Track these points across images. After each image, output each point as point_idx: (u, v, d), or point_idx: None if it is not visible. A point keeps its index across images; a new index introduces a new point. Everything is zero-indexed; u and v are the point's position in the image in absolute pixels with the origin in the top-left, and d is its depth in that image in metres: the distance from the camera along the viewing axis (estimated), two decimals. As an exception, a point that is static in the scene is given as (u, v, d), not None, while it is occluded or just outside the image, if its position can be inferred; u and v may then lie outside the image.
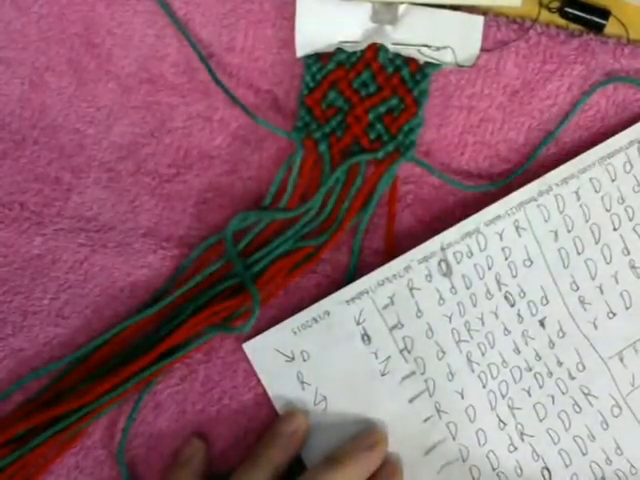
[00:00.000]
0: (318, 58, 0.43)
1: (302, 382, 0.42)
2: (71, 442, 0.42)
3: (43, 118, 0.45)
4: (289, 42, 0.44)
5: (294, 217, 0.43)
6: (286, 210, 0.43)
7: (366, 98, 0.43)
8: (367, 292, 0.42)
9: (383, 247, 0.44)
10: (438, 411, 0.42)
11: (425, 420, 0.42)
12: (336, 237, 0.43)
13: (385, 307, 0.42)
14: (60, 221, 0.44)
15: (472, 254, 0.42)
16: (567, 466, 0.42)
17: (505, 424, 0.42)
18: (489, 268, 0.42)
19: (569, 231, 0.43)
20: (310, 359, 0.42)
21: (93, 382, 0.42)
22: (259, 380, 0.43)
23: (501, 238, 0.42)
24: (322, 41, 0.43)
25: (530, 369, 0.42)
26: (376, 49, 0.43)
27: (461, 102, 0.44)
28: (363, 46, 0.43)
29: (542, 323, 0.42)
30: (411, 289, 0.42)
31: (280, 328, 0.42)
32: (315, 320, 0.42)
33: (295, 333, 0.42)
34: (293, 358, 0.42)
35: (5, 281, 0.44)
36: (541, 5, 0.44)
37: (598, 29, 0.44)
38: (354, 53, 0.43)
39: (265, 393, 0.43)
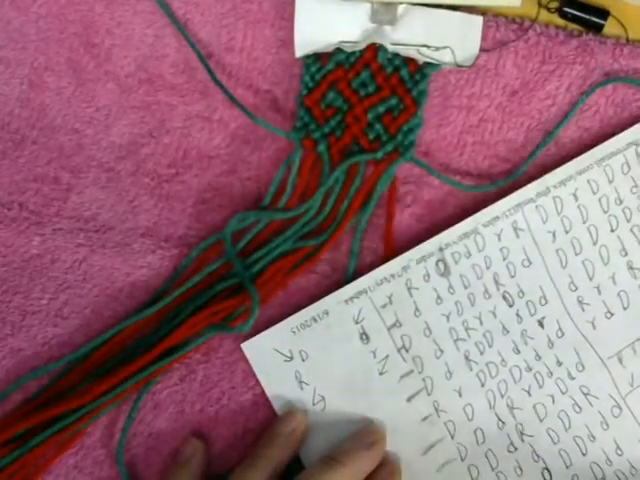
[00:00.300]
0: (317, 58, 0.43)
1: (300, 382, 0.42)
2: (70, 442, 0.42)
3: (42, 118, 0.45)
4: (288, 42, 0.44)
5: (293, 217, 0.43)
6: (285, 210, 0.43)
7: (365, 98, 0.43)
8: (366, 291, 0.42)
9: (382, 247, 0.44)
10: (436, 410, 0.42)
11: (423, 419, 0.42)
12: (335, 237, 0.43)
13: (383, 306, 0.42)
14: (59, 221, 0.44)
15: (470, 254, 0.42)
16: (567, 467, 0.42)
17: (504, 423, 0.42)
18: (487, 268, 0.42)
19: (567, 232, 0.43)
20: (309, 359, 0.42)
21: (92, 382, 0.42)
22: (258, 380, 0.43)
23: (499, 239, 0.42)
24: (321, 41, 0.43)
25: (530, 369, 0.42)
26: (375, 49, 0.43)
27: (460, 102, 0.44)
28: (362, 46, 0.43)
29: (541, 323, 0.42)
30: (409, 288, 0.42)
31: (279, 328, 0.42)
32: (314, 319, 0.42)
33: (294, 333, 0.42)
34: (292, 358, 0.42)
35: (4, 281, 0.44)
36: (540, 5, 0.44)
37: (597, 29, 0.44)
38: (353, 53, 0.43)
39: (264, 393, 0.43)
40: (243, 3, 0.44)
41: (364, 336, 0.42)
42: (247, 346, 0.42)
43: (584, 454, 0.42)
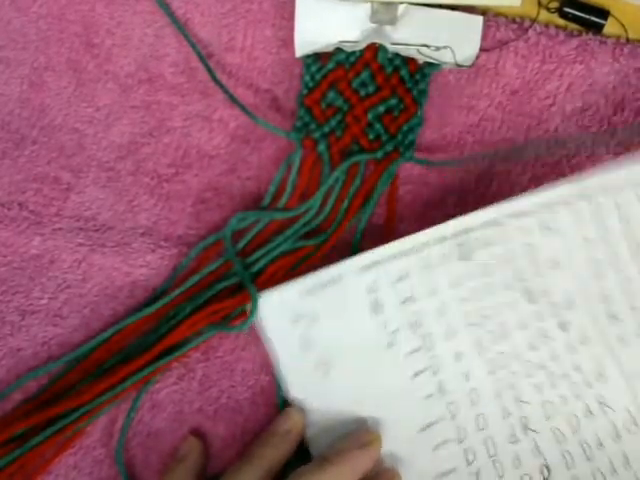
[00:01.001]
0: (317, 58, 0.43)
1: (307, 343, 0.41)
2: (70, 442, 0.42)
3: (42, 118, 0.45)
4: (288, 42, 0.44)
5: (293, 217, 0.43)
6: (285, 210, 0.43)
7: (365, 98, 0.43)
8: (382, 262, 0.41)
9: (382, 246, 0.44)
10: (440, 389, 0.41)
11: (426, 397, 0.41)
12: (335, 236, 0.43)
13: (399, 279, 0.41)
14: (59, 221, 0.44)
15: (493, 244, 0.41)
16: (569, 468, 0.41)
17: (509, 414, 0.41)
18: (510, 261, 0.41)
19: (603, 241, 0.41)
20: (317, 321, 0.41)
21: (91, 381, 0.42)
22: (257, 379, 0.43)
23: (526, 233, 0.41)
24: (321, 41, 0.43)
25: (544, 367, 0.41)
26: (375, 49, 0.43)
27: (460, 102, 0.44)
28: (362, 46, 0.43)
29: (564, 326, 0.41)
30: (427, 266, 0.41)
31: (290, 286, 0.41)
32: (327, 283, 0.41)
33: (306, 294, 0.41)
34: (300, 318, 0.41)
35: (4, 281, 0.44)
36: (540, 5, 0.44)
37: (597, 29, 0.44)
38: (353, 53, 0.43)
39: (263, 392, 0.43)
40: (243, 3, 0.44)
41: (376, 307, 0.41)
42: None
43: (589, 459, 0.41)
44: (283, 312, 0.41)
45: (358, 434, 0.40)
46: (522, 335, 0.41)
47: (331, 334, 0.41)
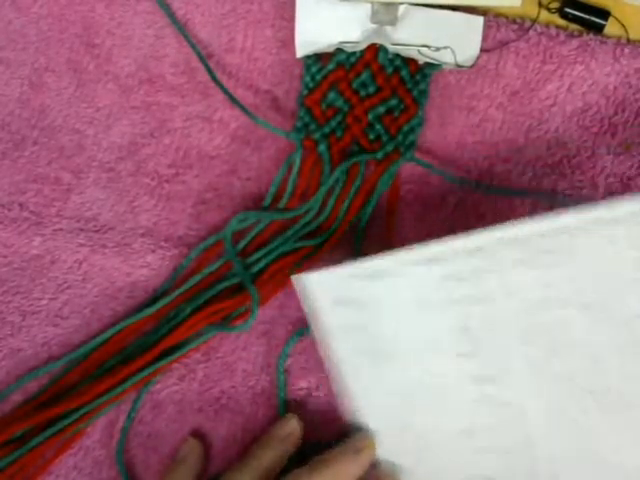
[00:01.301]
0: (318, 58, 0.43)
1: (346, 329, 0.39)
2: (70, 442, 0.42)
3: (43, 118, 0.45)
4: (288, 42, 0.44)
5: (294, 217, 0.43)
6: (286, 210, 0.43)
7: (366, 98, 0.43)
8: (439, 259, 0.37)
9: (383, 247, 0.43)
10: (485, 395, 0.38)
11: (470, 401, 0.39)
12: (336, 237, 0.43)
13: (456, 279, 0.38)
14: (59, 221, 0.44)
15: (558, 253, 0.36)
16: None
17: (559, 439, 0.38)
18: (575, 279, 0.36)
19: None
20: (365, 308, 0.39)
21: (92, 382, 0.42)
22: (257, 380, 0.43)
23: (605, 244, 0.36)
24: (322, 41, 0.43)
25: (593, 392, 0.37)
26: (376, 49, 0.43)
27: (461, 102, 0.44)
28: (363, 46, 0.43)
29: (621, 351, 0.37)
30: (484, 269, 0.37)
31: (341, 269, 0.39)
32: (378, 272, 0.38)
33: (356, 278, 0.38)
34: (347, 302, 0.39)
35: (4, 281, 0.44)
36: (541, 5, 0.44)
37: (598, 29, 0.44)
38: (354, 53, 0.43)
39: (263, 392, 0.43)
40: (243, 3, 0.44)
41: (425, 303, 0.38)
42: (300, 279, 0.39)
43: None
44: (330, 294, 0.39)
45: (354, 439, 0.40)
46: (577, 356, 0.37)
47: (373, 324, 0.39)
